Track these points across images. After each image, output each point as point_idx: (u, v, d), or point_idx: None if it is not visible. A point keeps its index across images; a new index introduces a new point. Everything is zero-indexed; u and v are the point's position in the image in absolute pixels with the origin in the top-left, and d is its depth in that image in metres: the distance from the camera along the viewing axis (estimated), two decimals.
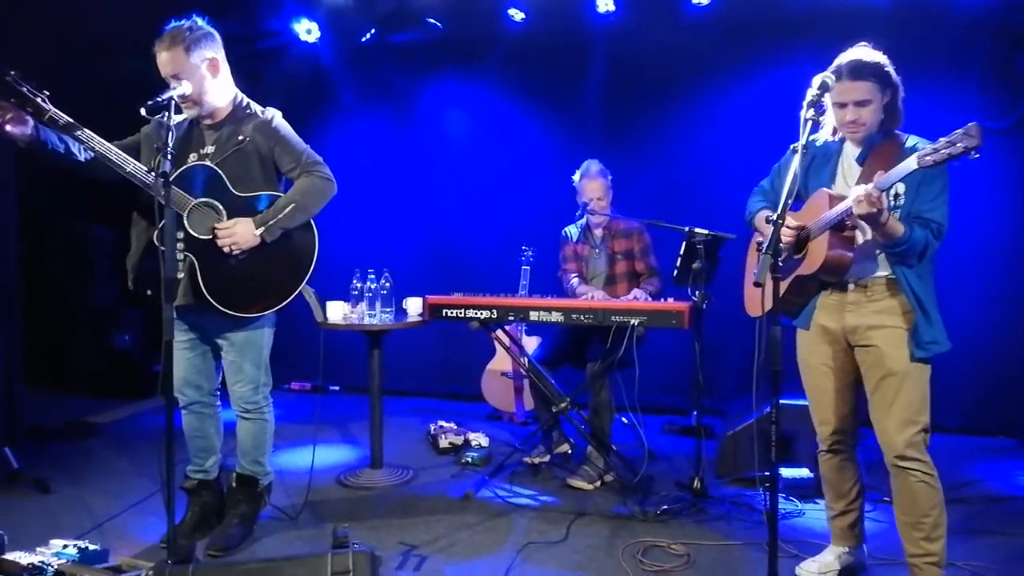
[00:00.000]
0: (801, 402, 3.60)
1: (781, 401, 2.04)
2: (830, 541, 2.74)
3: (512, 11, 5.17)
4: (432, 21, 5.33)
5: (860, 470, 2.65)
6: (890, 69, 2.36)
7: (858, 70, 2.33)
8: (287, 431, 4.21)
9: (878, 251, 2.36)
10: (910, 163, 2.07)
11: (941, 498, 2.36)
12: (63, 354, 5.93)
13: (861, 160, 2.43)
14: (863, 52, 2.36)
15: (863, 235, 2.36)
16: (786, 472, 3.50)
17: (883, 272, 2.38)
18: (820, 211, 2.37)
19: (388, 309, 3.76)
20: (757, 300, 2.69)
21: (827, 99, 2.37)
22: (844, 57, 2.37)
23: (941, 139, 2.01)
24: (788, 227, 2.39)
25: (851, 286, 2.42)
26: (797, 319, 2.61)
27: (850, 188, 2.30)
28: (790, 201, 2.02)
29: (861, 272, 2.39)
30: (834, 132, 2.50)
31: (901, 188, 2.29)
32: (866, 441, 2.63)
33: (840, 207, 2.26)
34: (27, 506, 3.40)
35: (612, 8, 5.00)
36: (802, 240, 2.45)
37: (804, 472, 3.50)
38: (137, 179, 2.67)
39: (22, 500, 3.47)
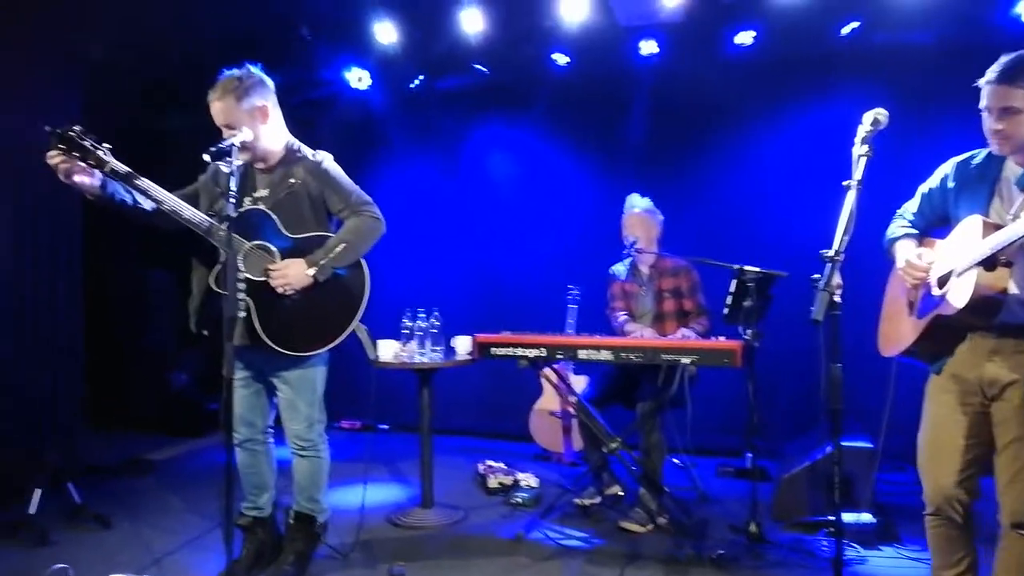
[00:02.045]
0: (860, 444, 3.54)
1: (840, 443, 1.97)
2: None
3: (556, 55, 5.26)
4: (479, 67, 5.46)
5: (975, 540, 2.34)
6: None
7: (1009, 74, 2.07)
8: (337, 469, 4.23)
9: None
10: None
11: None
12: (123, 393, 6.11)
13: (1023, 184, 2.13)
14: (1014, 57, 2.11)
15: (1018, 273, 2.07)
16: (847, 517, 3.38)
17: None
18: (971, 241, 2.10)
19: (437, 348, 3.79)
20: (894, 338, 2.44)
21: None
22: (1003, 58, 2.12)
23: None
24: (917, 269, 2.20)
25: (995, 332, 2.13)
26: (933, 363, 2.33)
27: (1008, 216, 2.08)
28: (846, 239, 1.92)
29: (1011, 316, 2.07)
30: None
31: None
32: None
33: (995, 240, 1.99)
34: (89, 541, 3.48)
35: (655, 50, 5.05)
36: (944, 275, 2.20)
37: (866, 517, 3.38)
38: (195, 225, 2.76)
39: (84, 535, 3.55)
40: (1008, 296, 2.04)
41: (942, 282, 2.20)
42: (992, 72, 2.10)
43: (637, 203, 4.06)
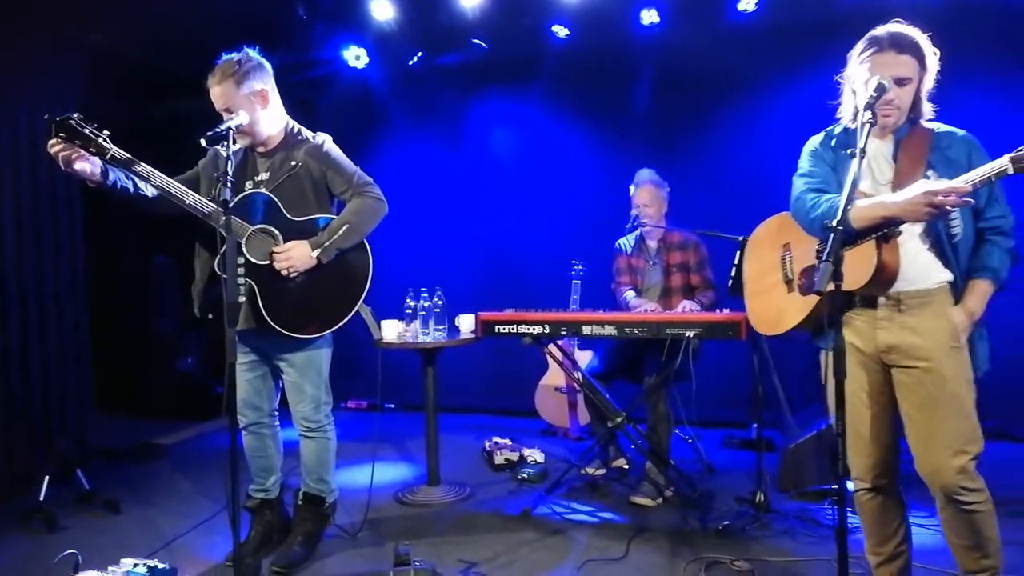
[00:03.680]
0: None
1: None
2: None
3: (556, 28, 5.19)
4: (477, 42, 5.39)
5: (905, 505, 2.35)
6: (929, 50, 2.10)
7: (901, 42, 2.06)
8: (344, 449, 4.28)
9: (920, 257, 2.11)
10: (999, 165, 1.85)
11: (994, 511, 2.14)
12: (131, 378, 6.14)
13: (895, 156, 2.16)
14: (902, 27, 2.11)
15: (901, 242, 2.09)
16: (851, 485, 3.37)
17: (920, 284, 2.12)
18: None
19: (441, 327, 3.79)
20: (774, 316, 2.47)
21: (851, 78, 2.17)
22: (880, 30, 2.12)
23: None
24: (955, 189, 1.90)
25: (881, 300, 2.15)
26: (822, 339, 2.33)
27: (880, 186, 2.13)
28: (850, 207, 1.88)
29: (896, 284, 2.11)
30: (855, 118, 2.16)
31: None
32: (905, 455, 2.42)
33: (896, 204, 1.98)
34: (99, 526, 3.52)
35: (656, 20, 4.97)
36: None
37: None
38: (197, 210, 2.76)
39: (94, 520, 3.59)
40: (901, 265, 2.08)
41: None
42: (884, 42, 2.08)
43: (647, 176, 4.03)
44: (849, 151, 1.99)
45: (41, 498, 3.52)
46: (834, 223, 1.83)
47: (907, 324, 2.13)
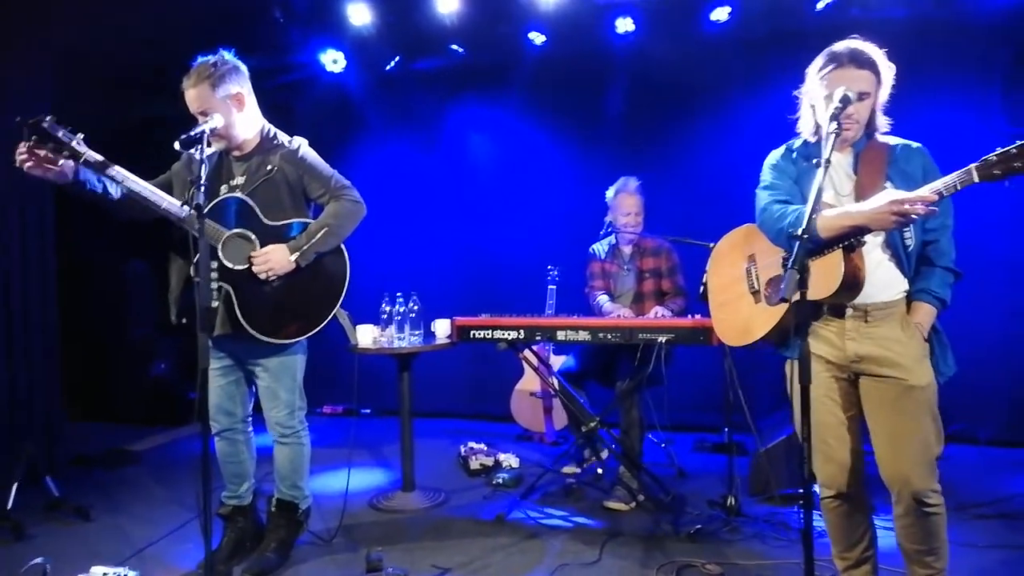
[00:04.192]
0: None
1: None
2: None
3: (533, 34, 5.23)
4: (455, 47, 5.41)
5: (872, 508, 2.39)
6: (884, 64, 2.16)
7: (859, 58, 2.12)
8: (320, 455, 4.27)
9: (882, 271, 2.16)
10: (964, 174, 1.87)
11: (946, 514, 2.18)
12: (104, 383, 6.06)
13: (855, 168, 2.21)
14: (860, 43, 2.17)
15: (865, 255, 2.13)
16: (818, 491, 3.43)
17: (884, 297, 2.16)
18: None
19: (417, 332, 3.79)
20: (740, 327, 2.51)
21: (810, 93, 2.22)
22: (839, 45, 2.17)
23: (1011, 148, 1.79)
24: (921, 197, 1.92)
25: (849, 311, 2.19)
26: (787, 349, 2.37)
27: (841, 198, 2.17)
28: (815, 217, 1.93)
29: (863, 296, 2.15)
30: (815, 132, 2.26)
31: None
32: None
33: (861, 213, 2.01)
34: (69, 533, 3.47)
35: (631, 28, 5.03)
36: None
37: None
38: (171, 215, 2.74)
39: (64, 528, 3.54)
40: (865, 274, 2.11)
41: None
42: (843, 58, 2.14)
43: (633, 186, 4.06)
44: (815, 160, 2.03)
45: (9, 506, 3.47)
46: (799, 231, 1.87)
47: (875, 335, 2.17)
